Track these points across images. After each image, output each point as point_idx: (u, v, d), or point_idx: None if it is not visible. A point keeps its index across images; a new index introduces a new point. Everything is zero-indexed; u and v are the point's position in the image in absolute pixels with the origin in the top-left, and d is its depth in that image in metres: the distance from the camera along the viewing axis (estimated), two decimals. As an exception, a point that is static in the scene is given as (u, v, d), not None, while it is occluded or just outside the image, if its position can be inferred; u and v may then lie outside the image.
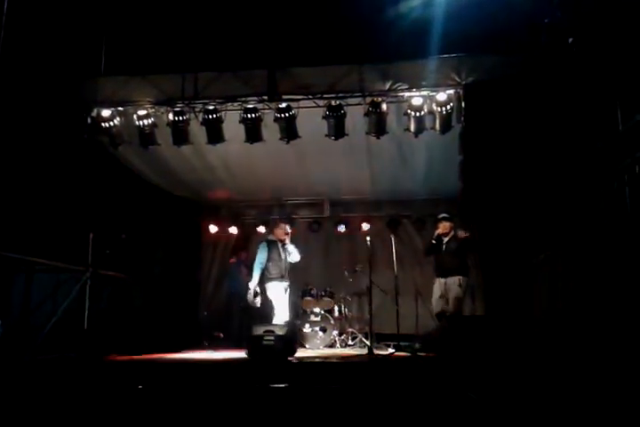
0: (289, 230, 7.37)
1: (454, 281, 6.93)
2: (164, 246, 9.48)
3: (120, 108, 7.10)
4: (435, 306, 7.06)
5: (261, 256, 7.19)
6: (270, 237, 7.42)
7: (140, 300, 8.95)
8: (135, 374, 5.38)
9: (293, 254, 7.30)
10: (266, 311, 8.97)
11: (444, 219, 7.19)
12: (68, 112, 6.91)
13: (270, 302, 7.17)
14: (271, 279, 7.13)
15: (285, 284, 7.24)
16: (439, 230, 7.17)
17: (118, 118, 7.09)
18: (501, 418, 3.36)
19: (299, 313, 8.67)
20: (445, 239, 7.13)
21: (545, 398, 3.93)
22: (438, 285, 7.05)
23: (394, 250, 7.62)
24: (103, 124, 7.03)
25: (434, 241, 7.15)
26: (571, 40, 6.24)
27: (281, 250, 7.27)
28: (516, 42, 6.69)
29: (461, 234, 7.11)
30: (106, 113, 7.02)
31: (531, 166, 6.48)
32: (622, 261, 4.63)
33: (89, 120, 7.04)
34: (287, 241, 7.32)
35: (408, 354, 7.09)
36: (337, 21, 7.24)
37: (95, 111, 7.04)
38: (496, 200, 6.61)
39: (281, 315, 7.02)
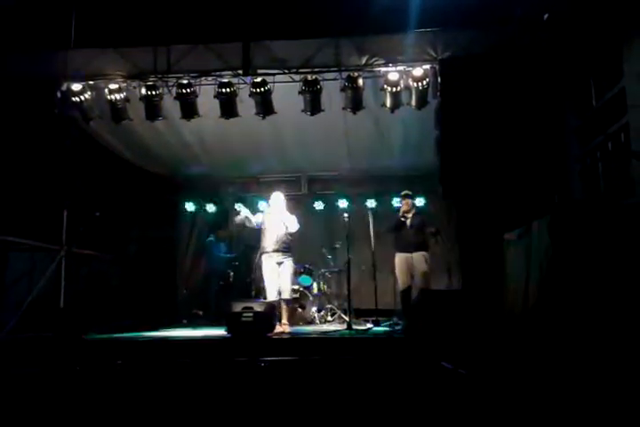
0: (280, 199, 6.97)
1: (420, 257, 7.03)
2: (140, 224, 9.39)
3: (91, 82, 6.90)
4: (401, 282, 7.15)
5: (255, 218, 6.89)
6: (267, 209, 7.03)
7: (117, 278, 8.89)
8: (113, 352, 5.37)
9: (290, 224, 6.82)
10: (245, 288, 9.06)
11: (407, 196, 7.29)
12: (37, 86, 6.71)
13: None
14: (263, 253, 6.80)
15: (278, 258, 6.79)
16: (403, 207, 7.25)
17: (89, 92, 6.90)
18: (471, 384, 3.44)
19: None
20: (409, 215, 7.22)
21: (519, 369, 4.03)
22: (402, 260, 7.13)
23: (371, 226, 7.66)
24: (74, 99, 6.84)
25: (402, 219, 7.22)
26: (546, 16, 6.24)
27: (276, 221, 6.85)
28: (492, 17, 6.67)
29: (430, 229, 7.20)
30: (76, 87, 6.81)
31: (507, 141, 6.53)
32: (596, 236, 4.71)
33: (59, 94, 6.84)
34: (283, 211, 6.91)
35: (386, 329, 7.20)
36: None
37: (65, 85, 6.85)
38: (473, 175, 6.66)
39: (269, 292, 6.74)
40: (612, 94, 6.01)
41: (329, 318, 8.53)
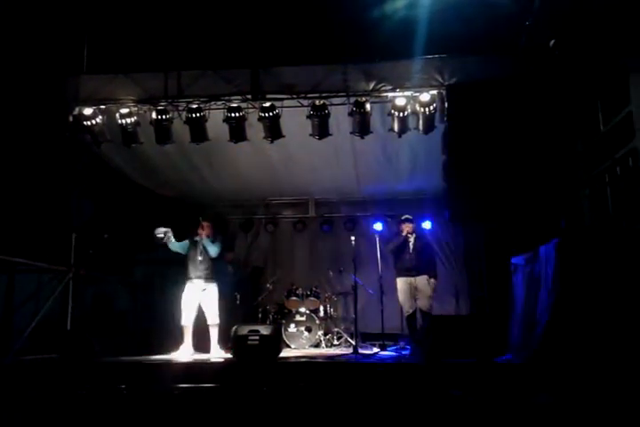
0: (204, 226, 7.05)
1: (423, 280, 7.05)
2: (148, 246, 9.40)
3: (102, 107, 7.02)
4: (405, 306, 7.14)
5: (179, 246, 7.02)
6: (196, 238, 7.12)
7: (124, 301, 8.88)
8: (118, 375, 5.33)
9: (209, 249, 6.95)
10: (252, 311, 9.02)
11: (407, 220, 7.33)
12: (50, 110, 6.83)
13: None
14: (186, 280, 6.97)
15: (199, 285, 6.92)
16: (407, 229, 7.29)
17: (101, 117, 7.01)
18: (480, 412, 3.39)
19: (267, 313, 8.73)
20: (411, 239, 7.25)
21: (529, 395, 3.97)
22: (405, 284, 7.13)
23: (378, 249, 7.65)
24: (85, 123, 6.94)
25: (407, 236, 7.26)
26: (552, 43, 6.31)
27: (199, 248, 6.99)
28: (499, 44, 6.76)
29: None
30: (88, 111, 6.93)
31: (514, 166, 6.54)
32: (604, 261, 4.69)
33: (71, 118, 6.97)
34: (203, 237, 7.00)
35: (393, 353, 7.13)
36: (321, 21, 7.24)
37: (77, 109, 6.97)
38: (480, 199, 6.67)
39: (184, 318, 6.86)
40: (620, 119, 6.03)
41: (335, 342, 8.46)
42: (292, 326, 8.30)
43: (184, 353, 6.75)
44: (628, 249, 4.65)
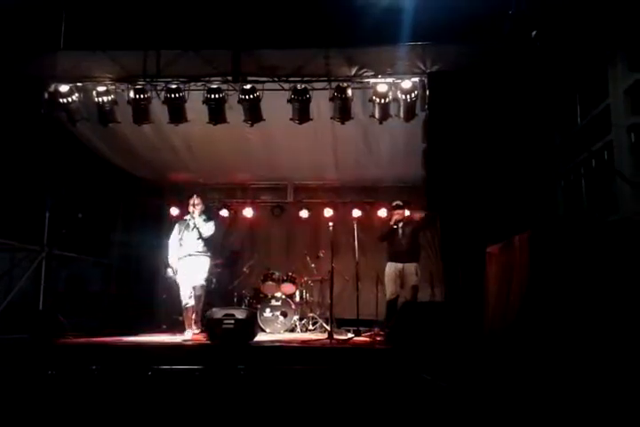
0: (195, 204, 6.88)
1: (411, 268, 7.07)
2: (123, 228, 9.32)
3: (79, 84, 6.88)
4: (389, 291, 7.18)
5: (171, 237, 6.96)
6: (185, 217, 7.01)
7: (97, 281, 8.81)
8: (90, 356, 5.30)
9: (203, 229, 6.81)
10: (227, 295, 9.01)
11: (398, 207, 7.35)
12: (25, 87, 6.67)
13: None
14: (179, 258, 6.87)
15: (192, 261, 6.82)
16: (396, 217, 7.30)
17: (77, 94, 6.87)
18: (449, 396, 3.44)
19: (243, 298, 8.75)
20: (401, 225, 7.28)
21: (497, 383, 4.04)
22: (393, 269, 7.16)
23: (356, 236, 7.67)
24: (61, 100, 6.80)
25: (395, 226, 7.25)
26: (534, 33, 6.32)
27: (186, 227, 6.86)
28: (482, 32, 6.75)
29: (418, 215, 7.28)
30: (64, 88, 6.79)
31: (493, 156, 6.58)
32: (577, 252, 4.75)
33: (46, 95, 6.80)
34: (195, 215, 6.84)
35: (367, 339, 7.18)
36: (305, 4, 7.15)
37: (53, 86, 6.81)
38: (458, 188, 6.70)
39: (183, 296, 6.83)
40: (597, 112, 6.09)
41: (310, 327, 8.51)
42: (268, 310, 8.31)
43: (188, 334, 6.73)
44: (600, 240, 4.72)
